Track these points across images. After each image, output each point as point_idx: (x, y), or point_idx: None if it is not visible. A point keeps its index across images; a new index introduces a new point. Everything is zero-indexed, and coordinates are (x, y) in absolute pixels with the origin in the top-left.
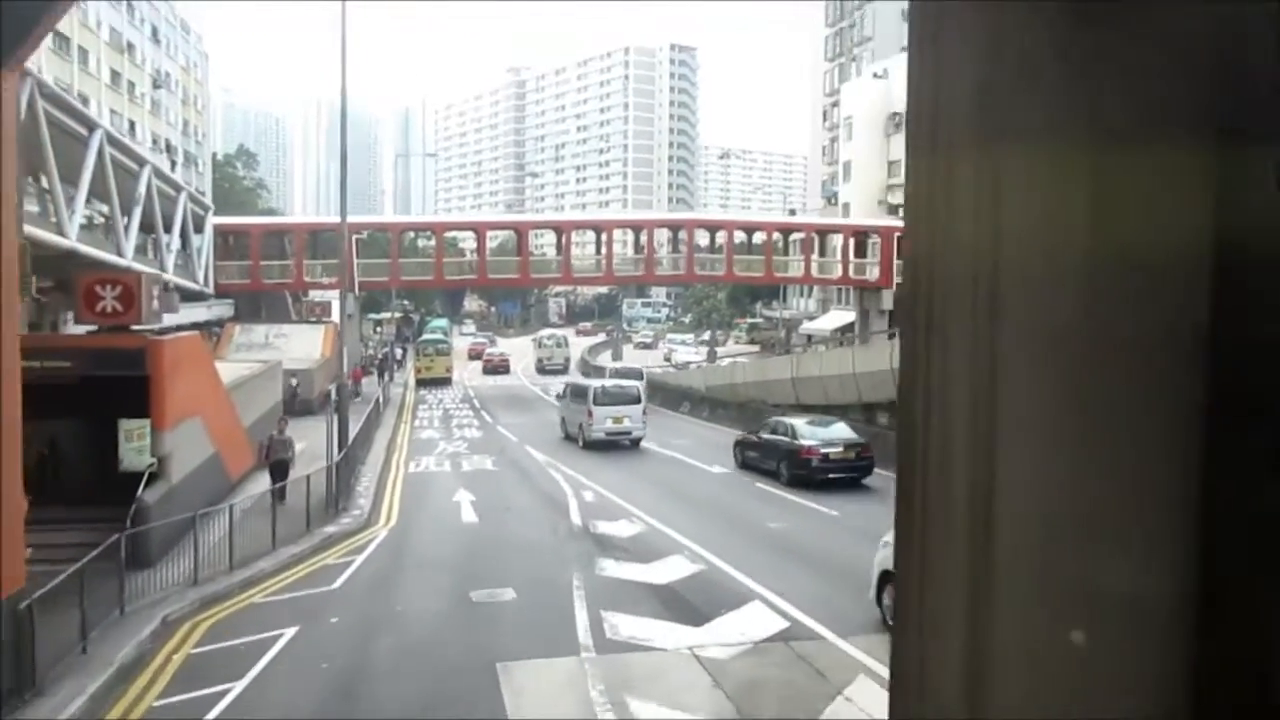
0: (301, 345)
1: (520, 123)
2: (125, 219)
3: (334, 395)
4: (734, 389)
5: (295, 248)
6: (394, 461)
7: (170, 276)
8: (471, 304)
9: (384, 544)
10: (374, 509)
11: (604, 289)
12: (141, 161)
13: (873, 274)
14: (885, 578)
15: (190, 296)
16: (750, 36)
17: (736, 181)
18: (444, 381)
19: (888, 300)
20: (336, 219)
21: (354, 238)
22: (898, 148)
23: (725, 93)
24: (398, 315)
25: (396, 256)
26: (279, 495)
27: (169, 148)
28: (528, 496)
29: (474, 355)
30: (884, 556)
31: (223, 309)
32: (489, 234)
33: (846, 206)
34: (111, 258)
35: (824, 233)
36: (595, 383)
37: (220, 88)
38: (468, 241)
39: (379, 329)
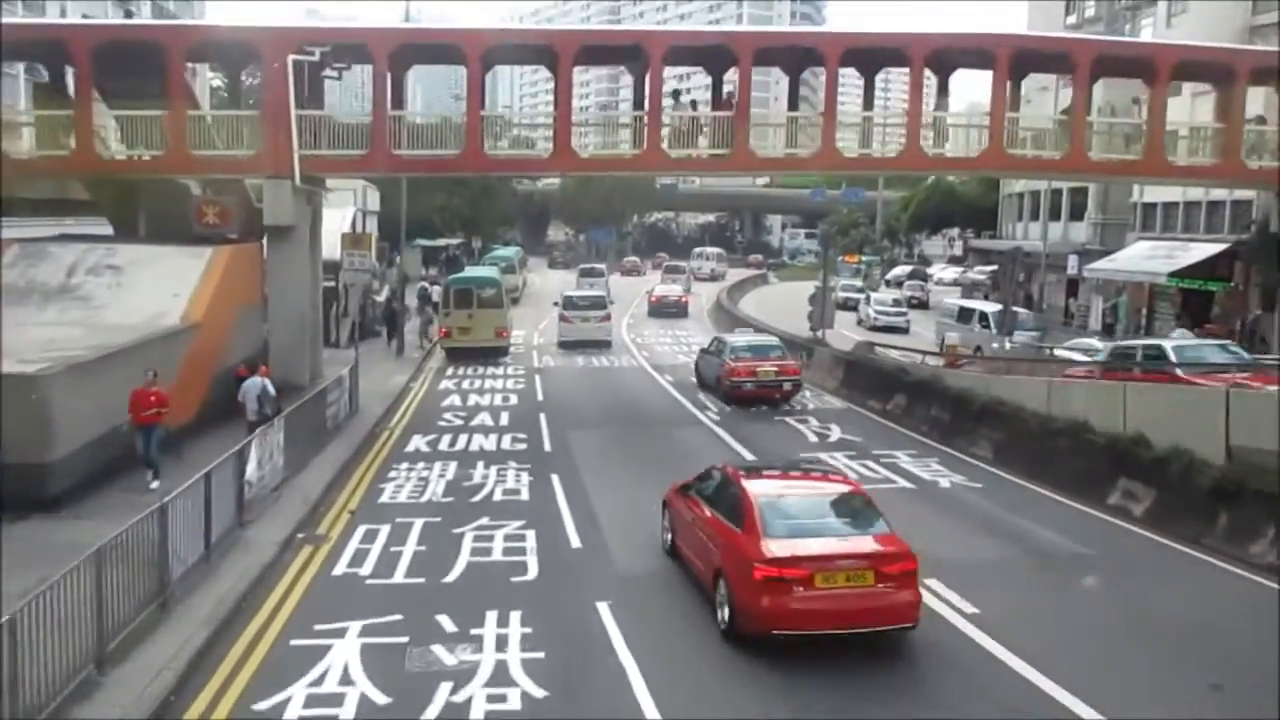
0: (154, 291)
1: None
2: None
3: None
4: None
5: (171, 83)
6: None
7: None
8: (555, 232)
9: None
10: None
11: (712, 215)
12: None
13: None
14: None
15: None
16: None
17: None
18: (493, 352)
19: None
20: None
21: (297, 62)
22: None
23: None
24: (453, 244)
25: (384, 106)
26: None
27: None
28: None
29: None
30: None
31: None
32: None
33: None
34: None
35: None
36: None
37: (305, 8)
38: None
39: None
